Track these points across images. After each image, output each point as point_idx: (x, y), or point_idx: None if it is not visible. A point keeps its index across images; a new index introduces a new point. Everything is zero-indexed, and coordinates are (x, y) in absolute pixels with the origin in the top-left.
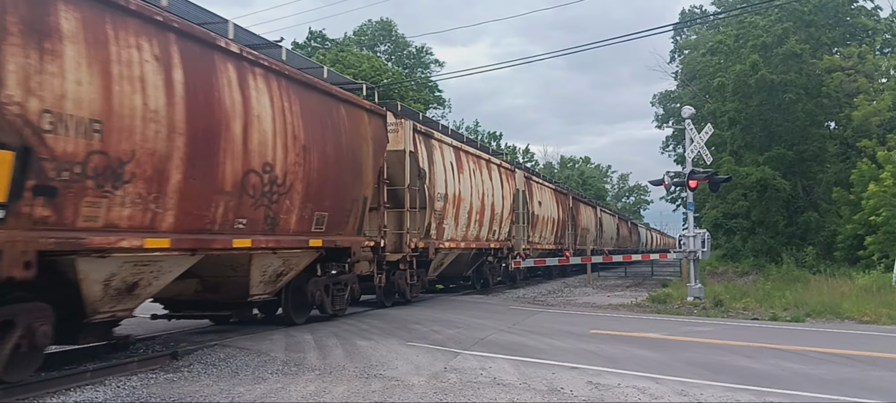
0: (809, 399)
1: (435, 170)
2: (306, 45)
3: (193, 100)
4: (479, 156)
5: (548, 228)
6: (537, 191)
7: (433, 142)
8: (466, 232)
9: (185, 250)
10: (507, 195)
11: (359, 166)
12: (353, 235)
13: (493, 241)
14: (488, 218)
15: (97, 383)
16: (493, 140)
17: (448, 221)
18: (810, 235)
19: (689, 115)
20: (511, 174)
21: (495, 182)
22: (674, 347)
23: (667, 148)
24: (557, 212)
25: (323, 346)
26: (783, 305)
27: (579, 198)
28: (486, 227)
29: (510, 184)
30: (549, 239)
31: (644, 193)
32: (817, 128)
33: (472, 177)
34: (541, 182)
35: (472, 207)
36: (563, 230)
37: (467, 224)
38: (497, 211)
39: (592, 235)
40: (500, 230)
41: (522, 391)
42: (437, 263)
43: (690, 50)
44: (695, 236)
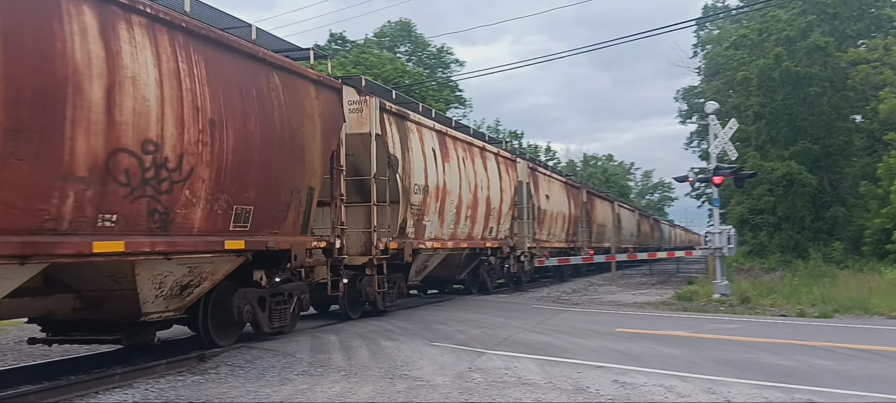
0: (838, 395)
1: (411, 158)
2: (327, 47)
3: (15, 49)
4: (471, 143)
5: (557, 224)
6: (544, 184)
7: (409, 124)
8: (455, 230)
9: (8, 257)
10: (507, 187)
11: (300, 149)
12: (293, 234)
13: (489, 240)
14: (483, 213)
15: (126, 385)
16: (515, 138)
17: (430, 217)
18: (837, 230)
19: (712, 111)
20: (512, 164)
21: (492, 173)
22: (700, 345)
23: (691, 144)
24: (569, 207)
25: (348, 347)
26: (810, 301)
27: (595, 192)
28: (481, 224)
29: (511, 176)
30: (559, 236)
31: (668, 190)
32: (843, 121)
33: (462, 166)
34: (549, 174)
35: (462, 201)
36: (576, 227)
37: (456, 220)
38: (494, 206)
39: (610, 232)
40: (498, 227)
41: (548, 390)
42: (420, 266)
43: (713, 44)
44: (720, 232)
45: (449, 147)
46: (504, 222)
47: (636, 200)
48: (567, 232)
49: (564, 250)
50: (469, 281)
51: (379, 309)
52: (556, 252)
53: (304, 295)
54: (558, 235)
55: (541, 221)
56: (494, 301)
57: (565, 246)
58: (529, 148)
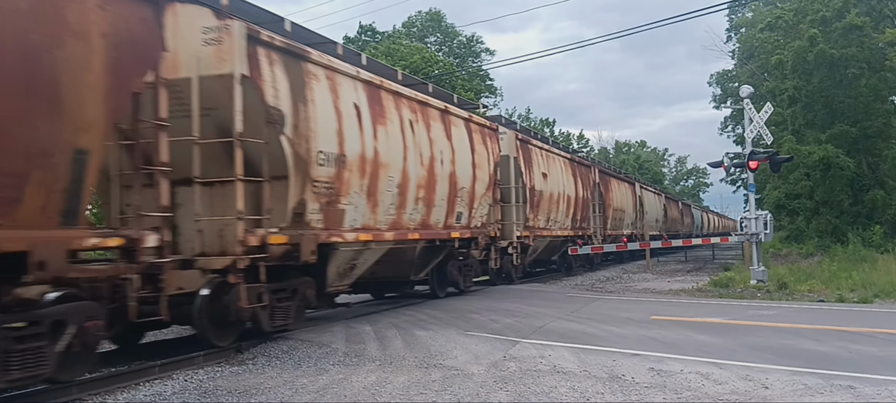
0: (879, 381)
1: (313, 115)
2: (357, 39)
3: None
4: (426, 102)
5: (559, 209)
6: (540, 160)
7: (308, 67)
8: (399, 217)
9: None
10: (484, 163)
11: (52, 85)
12: (41, 226)
13: (457, 228)
14: (445, 195)
15: (165, 377)
16: (546, 126)
17: (351, 199)
18: (877, 214)
19: (747, 95)
20: (491, 134)
21: (460, 143)
22: (737, 331)
23: (725, 128)
24: (575, 188)
25: (382, 337)
26: (850, 286)
27: (609, 171)
28: (442, 208)
29: (490, 148)
30: (562, 222)
31: (703, 176)
32: (881, 103)
33: (408, 132)
34: (547, 148)
35: (408, 178)
36: (585, 211)
37: (399, 204)
38: (462, 186)
39: (630, 217)
40: (471, 212)
41: (583, 378)
42: (344, 266)
43: (747, 27)
44: (757, 218)
45: (387, 105)
46: (480, 206)
47: (670, 186)
48: (573, 218)
49: (570, 238)
50: (434, 280)
51: (264, 330)
52: (561, 241)
53: (75, 330)
54: (561, 221)
55: (535, 205)
56: (523, 290)
57: (570, 234)
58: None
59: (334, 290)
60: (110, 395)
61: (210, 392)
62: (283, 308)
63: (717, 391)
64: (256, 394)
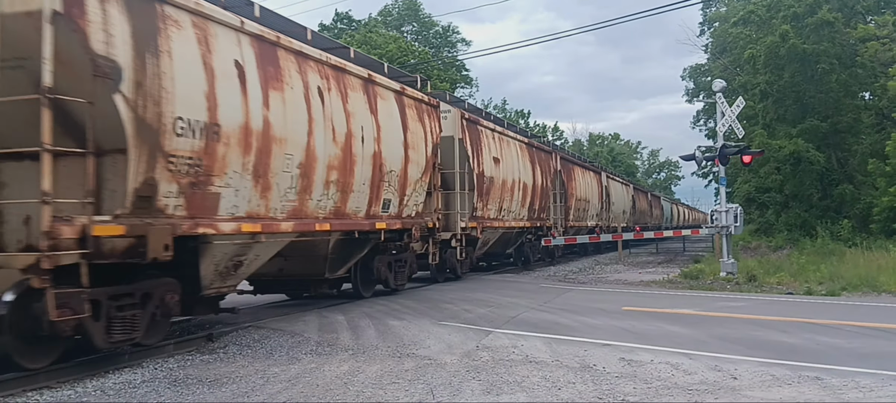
0: (845, 372)
1: (168, 70)
2: (333, 27)
3: None
4: (343, 68)
5: (514, 197)
6: (491, 143)
7: (163, 9)
8: (303, 203)
9: None
10: (419, 144)
11: None
12: None
13: (383, 218)
14: (367, 178)
15: (135, 365)
16: (521, 118)
17: (229, 179)
18: (845, 208)
19: (719, 89)
20: (430, 111)
21: (387, 119)
22: (707, 323)
23: (698, 122)
24: (533, 176)
25: (355, 326)
26: (818, 279)
27: (572, 158)
28: (363, 194)
29: (429, 128)
30: (517, 212)
31: (675, 169)
32: (852, 98)
33: (316, 102)
34: (500, 131)
35: (315, 157)
36: (544, 200)
37: (303, 187)
38: (389, 169)
39: (595, 208)
40: (402, 200)
41: (554, 368)
42: (221, 266)
43: (720, 22)
44: (727, 211)
45: (285, 67)
46: (414, 193)
47: (643, 179)
48: (531, 208)
49: (527, 230)
50: (358, 278)
51: (98, 347)
52: (516, 233)
53: None
54: (516, 211)
55: (485, 193)
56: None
57: (527, 225)
58: (536, 127)
59: (216, 293)
60: (79, 383)
61: (180, 381)
62: (126, 318)
63: (687, 381)
64: (227, 383)
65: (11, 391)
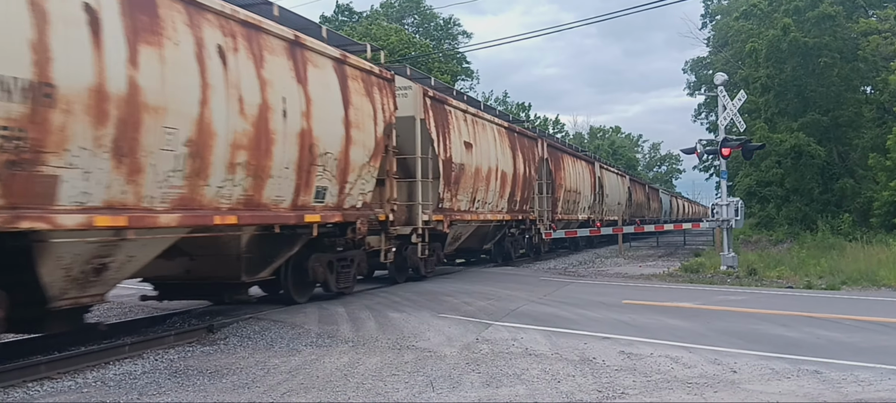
0: (845, 366)
1: None
2: (334, 19)
3: None
4: (256, 25)
5: (490, 187)
6: (461, 126)
7: None
8: (196, 190)
9: None
10: (365, 123)
11: None
12: None
13: (318, 210)
14: (293, 161)
15: (136, 356)
16: (522, 111)
17: (72, 158)
18: (846, 202)
19: (721, 82)
20: (383, 85)
21: (325, 91)
22: (707, 316)
23: (699, 116)
24: (514, 164)
25: (355, 318)
26: (818, 273)
27: (561, 146)
28: (289, 181)
29: (380, 103)
30: (494, 204)
31: (676, 162)
32: (853, 92)
33: (213, 63)
34: (473, 112)
35: (213, 132)
36: (527, 191)
37: (195, 170)
38: (325, 151)
39: (587, 200)
40: (344, 188)
41: (554, 360)
42: (74, 270)
43: (722, 15)
44: (728, 204)
45: (165, 18)
46: (359, 180)
47: (643, 173)
48: (511, 199)
49: (507, 223)
50: (289, 281)
51: None
52: (494, 226)
53: None
54: (493, 203)
55: (454, 182)
56: (492, 274)
57: (507, 217)
58: (538, 120)
59: (73, 304)
60: (79, 374)
61: (181, 372)
62: None
63: (687, 374)
64: (228, 375)
65: (12, 381)
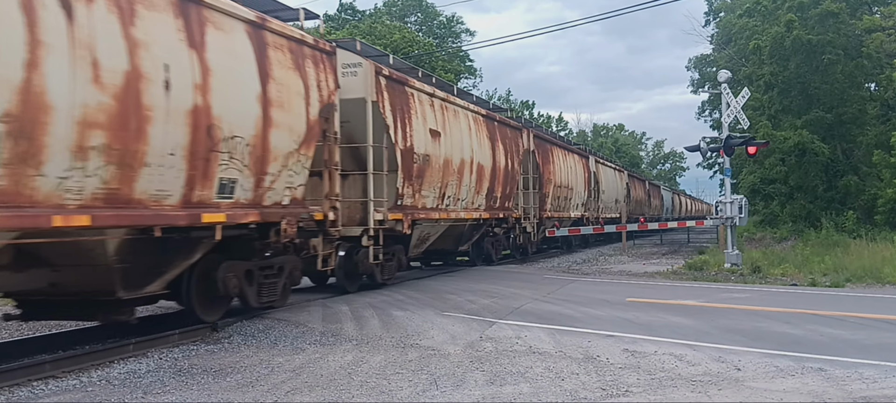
0: (849, 364)
1: None
2: (337, 17)
3: None
4: None
5: (463, 182)
6: (427, 112)
7: None
8: (18, 180)
9: None
10: (293, 101)
11: None
12: None
13: (225, 208)
14: (183, 146)
15: (140, 355)
16: (526, 108)
17: None
18: (850, 199)
19: (725, 79)
20: (320, 59)
21: (232, 61)
22: (711, 314)
23: (703, 113)
24: (494, 156)
25: (359, 317)
26: (822, 270)
27: (550, 138)
28: (179, 172)
29: (314, 80)
30: (469, 200)
31: (679, 160)
32: (857, 89)
33: (45, 14)
34: (443, 97)
35: (46, 105)
36: (510, 186)
37: (19, 154)
38: (235, 133)
39: (580, 197)
40: (262, 181)
41: (558, 358)
42: None
43: (726, 12)
44: (732, 202)
45: None
46: (284, 171)
47: (647, 170)
48: (490, 195)
49: (486, 222)
50: (194, 295)
51: None
52: (470, 226)
53: None
54: (468, 199)
55: (417, 175)
56: (498, 272)
57: (486, 215)
58: (540, 118)
59: None
60: (84, 373)
61: (185, 371)
62: None
63: (691, 372)
64: (232, 373)
65: (17, 380)
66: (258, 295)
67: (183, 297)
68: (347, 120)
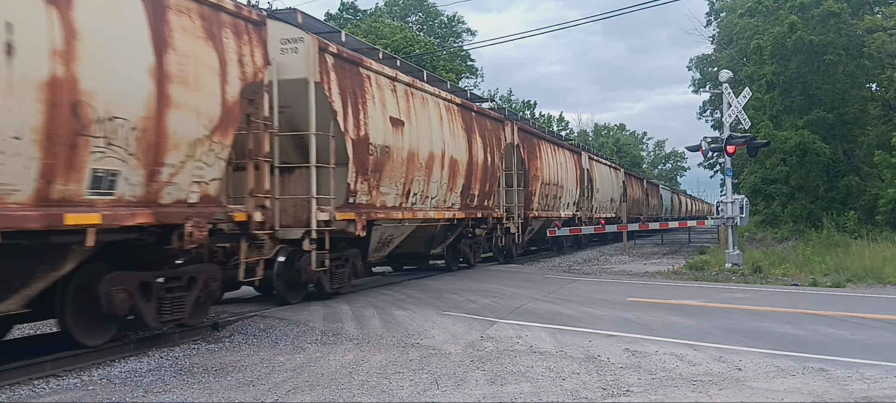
0: (850, 364)
1: None
2: (339, 17)
3: None
4: None
5: (433, 178)
6: (387, 97)
7: None
8: None
9: None
10: (195, 75)
11: None
12: None
13: (73, 207)
14: (34, 128)
15: (141, 354)
16: (527, 108)
17: None
18: (851, 199)
19: (726, 79)
20: (240, 28)
21: (85, 12)
22: (712, 314)
23: (704, 113)
24: (470, 149)
25: (360, 316)
26: (823, 271)
27: (538, 133)
28: (29, 159)
29: (232, 52)
30: (441, 197)
31: (681, 160)
32: (858, 90)
33: None
34: (407, 82)
35: None
36: (489, 184)
37: None
38: (114, 113)
39: (571, 195)
40: (157, 174)
41: (559, 358)
42: None
43: (727, 12)
44: (733, 202)
45: None
46: (189, 162)
47: (648, 170)
48: (466, 193)
49: (462, 222)
50: (69, 313)
51: None
52: (442, 227)
53: None
54: (440, 197)
55: (373, 169)
56: (501, 271)
57: (461, 215)
58: (541, 118)
59: None
60: (85, 372)
61: (186, 370)
62: None
63: (692, 372)
64: (233, 372)
65: (18, 379)
66: (158, 314)
67: (58, 317)
68: (289, 104)
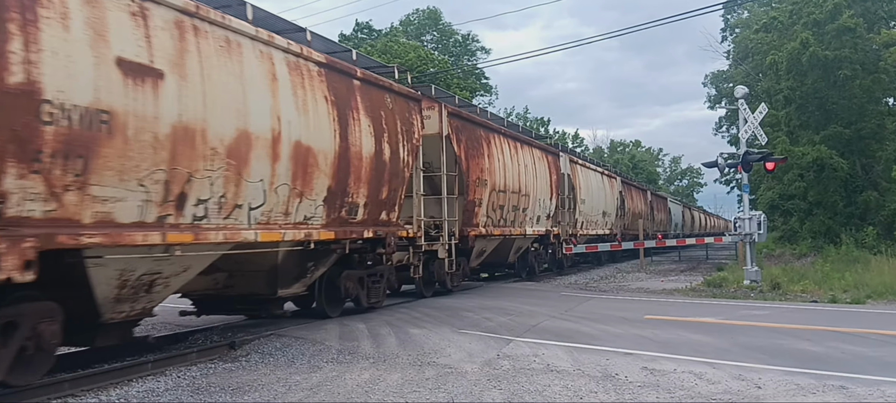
0: (871, 381)
1: None
2: (353, 37)
3: None
4: None
5: (242, 175)
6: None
7: None
8: None
9: None
10: None
11: None
12: None
13: None
14: None
15: (158, 373)
16: (541, 125)
17: None
18: (870, 215)
19: (742, 95)
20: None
21: None
22: (730, 331)
23: (720, 129)
24: (344, 137)
25: (376, 335)
26: (843, 287)
27: (485, 123)
28: None
29: None
30: (284, 209)
31: (697, 176)
32: (875, 104)
33: None
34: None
35: None
36: (392, 188)
37: None
38: None
39: (544, 207)
40: None
41: (576, 377)
42: None
43: (742, 28)
44: (750, 218)
45: None
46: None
47: (665, 186)
48: (336, 203)
49: (337, 242)
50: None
51: None
52: (296, 252)
53: None
54: (268, 208)
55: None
56: (506, 290)
57: (327, 235)
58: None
59: None
60: (103, 391)
61: (203, 390)
62: None
63: (710, 390)
64: (250, 391)
65: (36, 399)
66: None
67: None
68: None
